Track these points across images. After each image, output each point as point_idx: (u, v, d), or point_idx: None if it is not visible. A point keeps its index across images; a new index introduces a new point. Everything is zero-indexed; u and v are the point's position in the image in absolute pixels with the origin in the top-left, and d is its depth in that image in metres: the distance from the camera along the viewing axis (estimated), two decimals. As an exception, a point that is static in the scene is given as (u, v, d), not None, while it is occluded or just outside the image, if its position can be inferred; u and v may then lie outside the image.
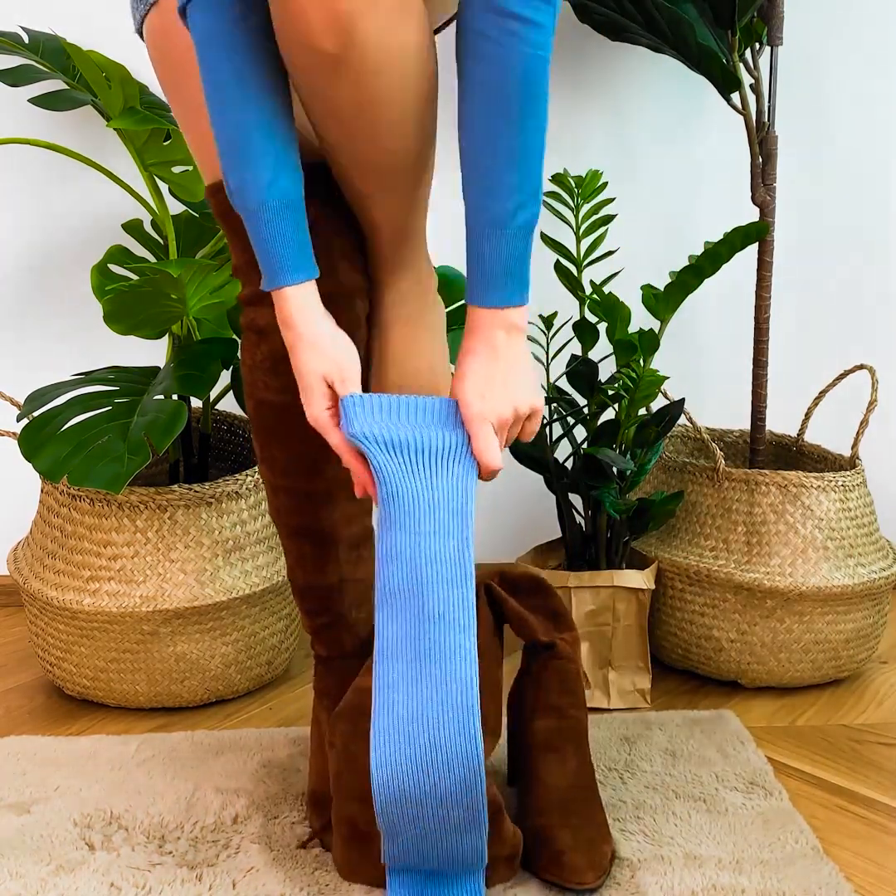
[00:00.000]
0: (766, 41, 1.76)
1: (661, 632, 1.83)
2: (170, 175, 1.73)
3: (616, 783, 1.49)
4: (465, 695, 1.13)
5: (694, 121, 2.04)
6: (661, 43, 1.76)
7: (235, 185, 1.15)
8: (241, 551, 1.67)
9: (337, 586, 1.36)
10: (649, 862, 1.32)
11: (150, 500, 1.62)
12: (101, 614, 1.61)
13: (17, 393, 1.74)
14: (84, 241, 1.98)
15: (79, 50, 1.65)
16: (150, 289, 1.57)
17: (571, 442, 1.77)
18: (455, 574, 1.16)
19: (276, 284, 1.17)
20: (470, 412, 1.19)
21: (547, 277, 1.84)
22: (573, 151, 1.97)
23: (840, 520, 1.74)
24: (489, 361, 1.20)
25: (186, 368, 1.61)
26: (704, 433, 1.80)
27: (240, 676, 1.71)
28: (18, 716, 1.69)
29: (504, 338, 1.20)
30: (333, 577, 1.35)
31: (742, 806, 1.44)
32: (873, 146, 2.06)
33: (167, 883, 1.27)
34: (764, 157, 1.78)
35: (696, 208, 2.07)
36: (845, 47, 2.02)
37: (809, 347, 2.11)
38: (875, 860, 1.35)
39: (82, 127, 1.93)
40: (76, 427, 1.53)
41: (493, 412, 1.19)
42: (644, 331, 1.66)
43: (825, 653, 1.75)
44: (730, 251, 1.69)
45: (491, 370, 1.20)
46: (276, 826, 1.38)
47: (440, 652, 1.14)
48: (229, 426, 1.91)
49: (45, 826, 1.38)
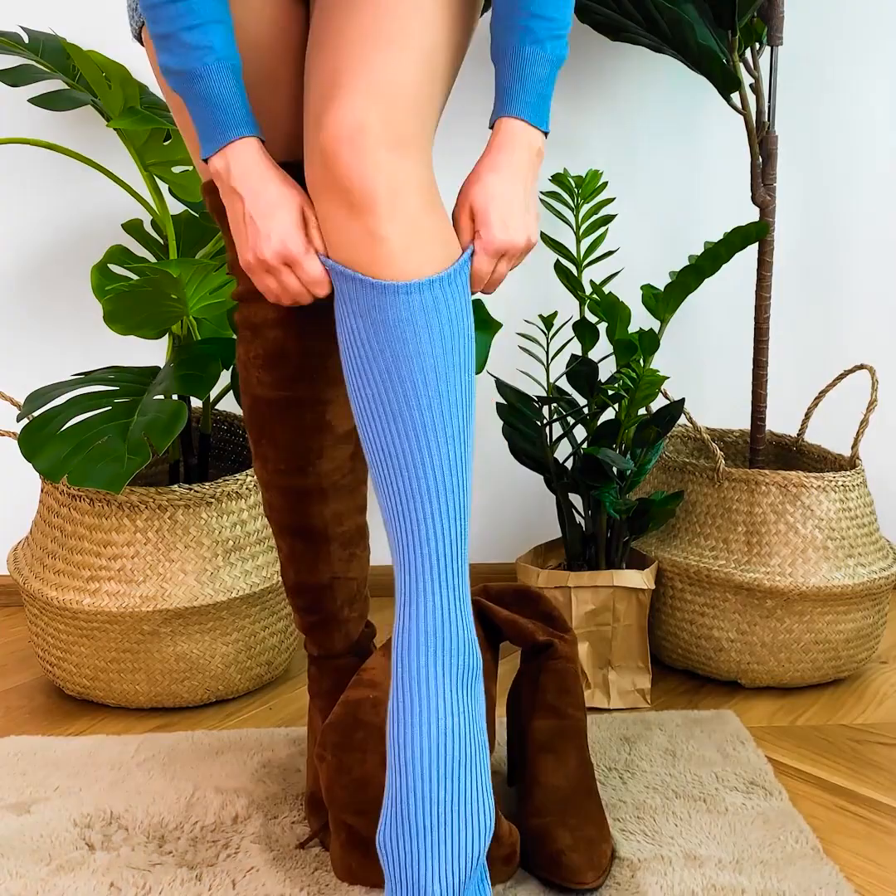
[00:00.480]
0: (766, 41, 1.76)
1: (661, 632, 1.83)
2: (170, 175, 1.73)
3: (616, 783, 1.49)
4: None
5: (694, 121, 2.04)
6: (661, 43, 1.76)
7: (180, 46, 1.13)
8: (241, 551, 1.67)
9: (328, 584, 1.35)
10: (649, 862, 1.32)
11: (150, 500, 1.62)
12: (101, 614, 1.61)
13: (17, 393, 1.74)
14: (84, 241, 1.98)
15: (79, 50, 1.65)
16: (150, 289, 1.57)
17: (571, 442, 1.77)
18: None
19: (230, 138, 1.15)
20: (493, 245, 1.18)
21: (547, 277, 1.85)
22: (573, 151, 1.97)
23: (840, 520, 1.74)
24: (512, 183, 1.19)
25: (186, 368, 1.61)
26: (704, 433, 1.80)
27: (240, 676, 1.71)
28: (18, 716, 1.69)
29: (528, 160, 1.20)
30: (325, 575, 1.35)
31: (742, 806, 1.44)
32: (873, 146, 2.06)
33: (167, 883, 1.27)
34: (764, 157, 1.78)
35: (696, 208, 2.07)
36: (845, 47, 2.02)
37: (809, 347, 2.11)
38: (875, 860, 1.35)
39: (82, 127, 1.93)
40: (76, 427, 1.53)
41: (511, 243, 1.18)
42: (644, 331, 1.66)
43: (825, 653, 1.75)
44: (730, 251, 1.69)
45: (513, 193, 1.19)
46: (276, 826, 1.38)
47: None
48: (229, 426, 1.91)
49: (45, 826, 1.38)
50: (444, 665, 1.12)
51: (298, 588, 1.37)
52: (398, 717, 1.12)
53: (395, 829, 1.11)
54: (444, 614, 1.13)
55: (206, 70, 1.13)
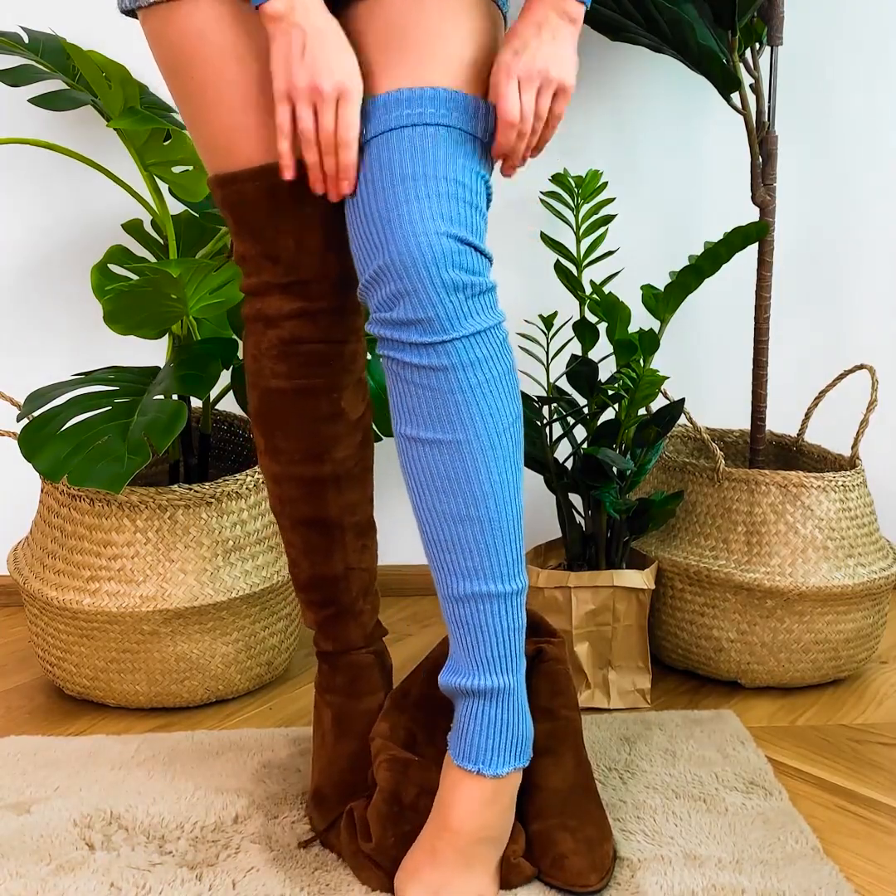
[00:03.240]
0: (766, 41, 1.76)
1: (661, 632, 1.83)
2: (170, 175, 1.73)
3: (616, 783, 1.49)
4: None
5: (694, 121, 2.04)
6: (661, 43, 1.76)
7: None
8: (241, 551, 1.67)
9: (343, 575, 1.36)
10: (649, 862, 1.32)
11: (150, 500, 1.62)
12: (101, 614, 1.61)
13: (17, 393, 1.74)
14: (84, 241, 1.98)
15: (79, 50, 1.65)
16: (150, 289, 1.57)
17: (571, 442, 1.77)
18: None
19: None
20: (497, 66, 1.18)
21: (547, 277, 1.85)
22: (573, 151, 1.97)
23: (840, 520, 1.74)
24: (533, 35, 1.18)
25: (186, 368, 1.61)
26: (704, 433, 1.80)
27: (240, 676, 1.71)
28: (18, 716, 1.69)
29: (555, 19, 1.19)
30: (340, 566, 1.36)
31: (742, 806, 1.44)
32: (873, 146, 2.06)
33: (167, 883, 1.27)
34: (764, 157, 1.78)
35: (696, 208, 2.07)
36: (845, 47, 2.02)
37: (809, 347, 2.11)
38: (875, 860, 1.35)
39: (82, 127, 1.93)
40: (76, 427, 1.53)
41: (522, 67, 1.17)
42: (644, 331, 1.66)
43: (825, 653, 1.75)
44: (730, 251, 1.69)
45: (531, 37, 1.18)
46: (276, 826, 1.38)
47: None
48: (229, 426, 1.91)
49: (45, 826, 1.38)
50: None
51: (314, 581, 1.37)
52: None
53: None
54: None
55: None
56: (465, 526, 1.17)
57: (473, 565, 1.18)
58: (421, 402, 1.16)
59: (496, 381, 1.16)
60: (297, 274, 1.26)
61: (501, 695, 1.20)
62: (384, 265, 1.14)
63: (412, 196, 1.14)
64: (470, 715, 1.21)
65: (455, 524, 1.17)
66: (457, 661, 1.22)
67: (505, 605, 1.19)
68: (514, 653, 1.21)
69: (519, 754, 1.24)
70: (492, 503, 1.17)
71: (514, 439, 1.18)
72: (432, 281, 1.12)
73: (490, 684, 1.20)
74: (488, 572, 1.18)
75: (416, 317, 1.13)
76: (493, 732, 1.21)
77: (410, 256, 1.12)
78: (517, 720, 1.22)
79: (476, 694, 1.20)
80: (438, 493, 1.17)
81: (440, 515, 1.17)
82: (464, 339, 1.14)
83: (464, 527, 1.17)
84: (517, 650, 1.21)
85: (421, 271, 1.12)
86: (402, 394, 1.17)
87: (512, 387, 1.19)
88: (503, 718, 1.21)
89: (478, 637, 1.19)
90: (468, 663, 1.20)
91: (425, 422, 1.16)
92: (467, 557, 1.18)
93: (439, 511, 1.17)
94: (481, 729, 1.21)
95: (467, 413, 1.15)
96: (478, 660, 1.20)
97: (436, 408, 1.15)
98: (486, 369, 1.15)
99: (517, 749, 1.23)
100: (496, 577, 1.18)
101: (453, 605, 1.20)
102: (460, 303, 1.14)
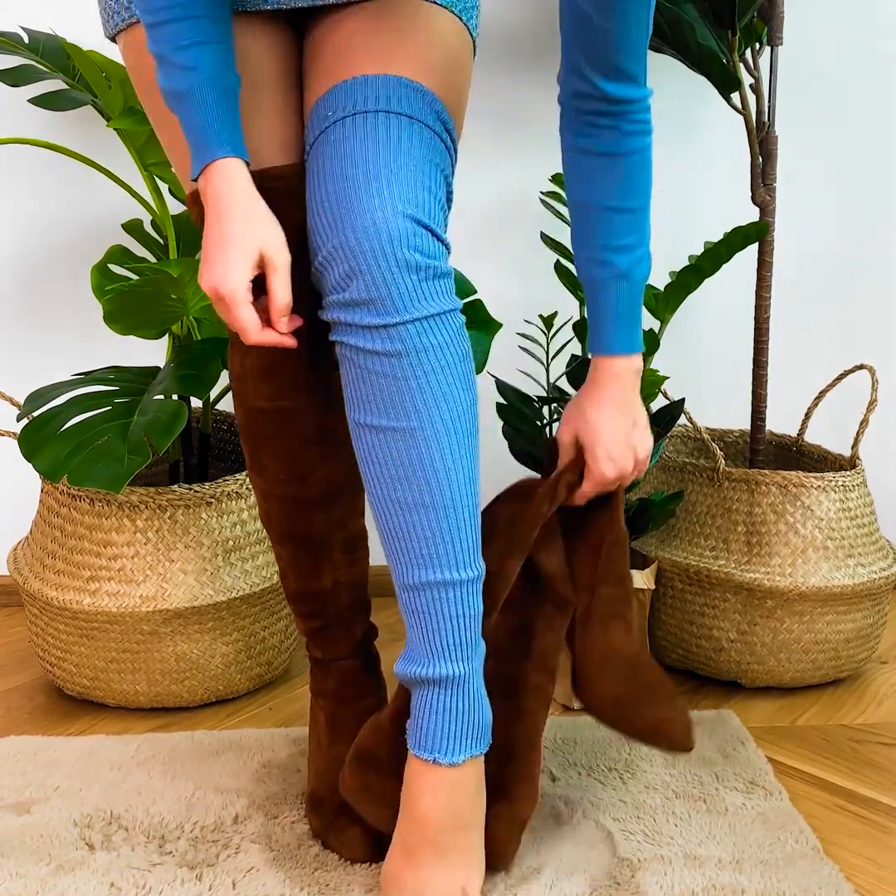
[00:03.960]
0: (766, 41, 1.76)
1: (661, 632, 1.83)
2: (170, 175, 1.73)
3: (616, 783, 1.49)
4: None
5: (694, 121, 2.04)
6: (661, 43, 1.76)
7: (171, 66, 1.16)
8: (241, 551, 1.67)
9: (332, 590, 1.35)
10: (649, 862, 1.32)
11: (150, 500, 1.62)
12: (101, 614, 1.61)
13: (17, 393, 1.74)
14: (84, 241, 1.98)
15: (79, 50, 1.65)
16: (150, 289, 1.57)
17: (571, 442, 1.76)
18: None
19: (213, 157, 1.16)
20: (603, 479, 1.32)
21: (547, 277, 1.84)
22: (573, 151, 1.97)
23: (840, 520, 1.74)
24: (614, 417, 1.31)
25: (186, 368, 1.61)
26: (704, 433, 1.80)
27: (240, 676, 1.71)
28: (18, 716, 1.69)
29: (631, 386, 1.30)
30: (328, 580, 1.35)
31: (742, 806, 1.44)
32: (873, 145, 2.06)
33: (167, 883, 1.27)
34: (764, 157, 1.78)
35: (696, 208, 2.07)
36: (845, 47, 2.02)
37: (809, 347, 2.11)
38: (875, 860, 1.35)
39: (82, 127, 1.93)
40: (76, 427, 1.53)
41: (619, 473, 1.32)
42: (644, 331, 1.66)
43: (825, 653, 1.75)
44: (730, 251, 1.69)
45: (615, 426, 1.31)
46: (276, 826, 1.38)
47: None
48: (229, 426, 1.91)
49: (45, 826, 1.38)
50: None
51: (301, 595, 1.36)
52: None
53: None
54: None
55: (189, 91, 1.15)
56: (420, 513, 1.16)
57: (429, 553, 1.17)
58: (374, 390, 1.14)
59: (451, 368, 1.15)
60: None
61: (457, 682, 1.19)
62: (339, 244, 1.13)
63: (371, 177, 1.14)
64: (425, 704, 1.20)
65: (411, 512, 1.16)
66: (413, 650, 1.21)
67: (461, 592, 1.18)
68: (471, 640, 1.20)
69: (475, 742, 1.22)
70: (447, 490, 1.16)
71: (470, 426, 1.17)
72: (386, 259, 1.11)
73: (446, 672, 1.19)
74: (444, 560, 1.17)
75: (368, 296, 1.12)
76: (448, 721, 1.20)
77: (366, 234, 1.12)
78: (473, 707, 1.21)
79: (432, 682, 1.19)
80: (393, 481, 1.16)
81: (395, 503, 1.16)
82: (416, 323, 1.12)
83: (419, 514, 1.16)
84: (474, 637, 1.21)
85: (375, 249, 1.11)
86: (356, 380, 1.15)
87: (467, 373, 1.17)
88: (458, 706, 1.20)
89: (434, 625, 1.18)
90: (424, 652, 1.19)
91: (379, 409, 1.15)
92: (423, 545, 1.17)
93: (394, 499, 1.16)
94: (436, 718, 1.20)
95: (421, 400, 1.14)
96: (434, 648, 1.19)
97: (390, 395, 1.14)
98: (440, 356, 1.14)
99: (474, 736, 1.22)
100: (452, 564, 1.17)
101: (409, 593, 1.19)
102: (414, 284, 1.12)
